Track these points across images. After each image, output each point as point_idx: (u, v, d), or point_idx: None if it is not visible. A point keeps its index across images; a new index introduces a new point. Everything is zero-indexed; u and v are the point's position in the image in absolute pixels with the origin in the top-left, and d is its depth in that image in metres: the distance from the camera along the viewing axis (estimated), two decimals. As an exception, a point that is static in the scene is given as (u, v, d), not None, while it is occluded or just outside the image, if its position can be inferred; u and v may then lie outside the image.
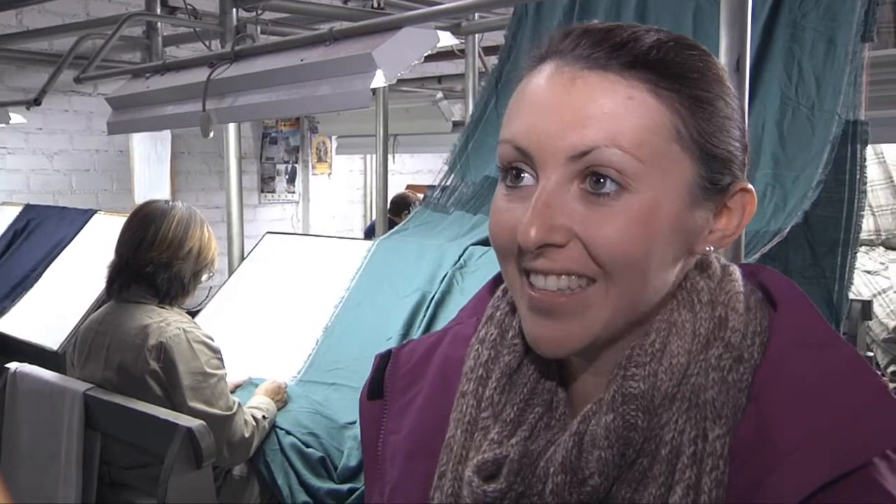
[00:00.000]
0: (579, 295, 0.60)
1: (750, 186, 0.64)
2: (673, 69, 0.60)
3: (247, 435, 1.97)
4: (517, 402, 0.66)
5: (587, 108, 0.59)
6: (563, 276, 0.60)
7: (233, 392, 2.10)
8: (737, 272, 0.66)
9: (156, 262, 2.06)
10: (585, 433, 0.61)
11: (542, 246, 0.59)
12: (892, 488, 0.54)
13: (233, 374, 2.17)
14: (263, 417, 2.03)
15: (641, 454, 0.60)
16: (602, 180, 0.58)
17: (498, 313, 0.71)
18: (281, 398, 2.15)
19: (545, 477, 0.62)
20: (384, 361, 0.78)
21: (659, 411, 0.60)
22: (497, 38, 3.39)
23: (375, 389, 0.78)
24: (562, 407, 0.67)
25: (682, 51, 0.61)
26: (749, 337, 0.62)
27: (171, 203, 2.17)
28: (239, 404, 2.00)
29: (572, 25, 0.63)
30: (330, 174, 6.75)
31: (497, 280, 0.76)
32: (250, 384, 2.27)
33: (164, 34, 3.51)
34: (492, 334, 0.70)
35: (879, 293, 3.02)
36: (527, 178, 0.61)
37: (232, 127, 3.05)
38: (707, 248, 0.64)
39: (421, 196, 5.91)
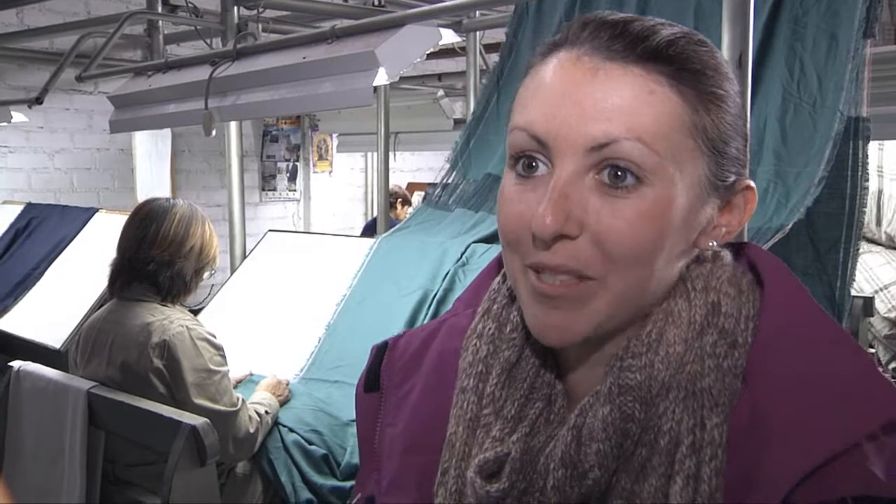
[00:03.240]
0: (583, 283, 0.60)
1: (752, 184, 0.65)
2: (692, 65, 0.60)
3: (252, 430, 1.97)
4: (517, 397, 0.66)
5: (609, 100, 0.58)
6: (568, 275, 0.60)
7: (234, 388, 2.10)
8: (727, 256, 0.66)
9: (158, 260, 2.06)
10: (583, 426, 0.61)
11: (556, 238, 0.59)
12: (877, 469, 0.54)
13: (235, 372, 2.17)
14: (266, 413, 2.04)
15: (640, 445, 0.60)
16: (621, 173, 0.58)
17: (495, 306, 0.70)
18: (282, 394, 2.16)
19: (546, 473, 0.61)
20: (380, 353, 0.78)
21: (656, 401, 0.60)
22: (498, 35, 3.39)
23: (372, 382, 0.77)
24: (560, 400, 0.67)
25: (696, 46, 0.61)
26: (742, 321, 0.62)
27: (172, 201, 2.17)
28: (243, 400, 2.00)
29: (588, 15, 0.62)
30: (331, 172, 6.75)
31: (493, 268, 0.75)
32: (251, 381, 2.27)
33: (166, 32, 3.51)
34: (489, 328, 0.69)
35: (881, 289, 3.02)
36: (541, 167, 0.61)
37: (233, 125, 3.05)
38: (710, 244, 0.64)
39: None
